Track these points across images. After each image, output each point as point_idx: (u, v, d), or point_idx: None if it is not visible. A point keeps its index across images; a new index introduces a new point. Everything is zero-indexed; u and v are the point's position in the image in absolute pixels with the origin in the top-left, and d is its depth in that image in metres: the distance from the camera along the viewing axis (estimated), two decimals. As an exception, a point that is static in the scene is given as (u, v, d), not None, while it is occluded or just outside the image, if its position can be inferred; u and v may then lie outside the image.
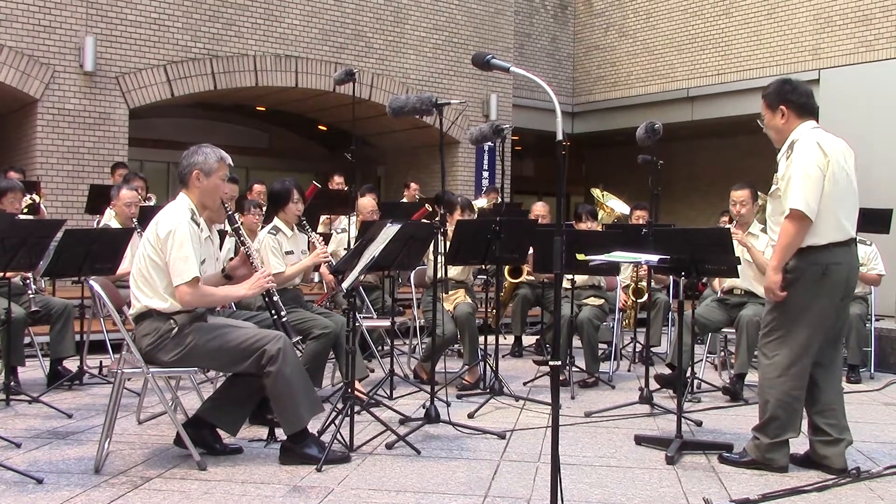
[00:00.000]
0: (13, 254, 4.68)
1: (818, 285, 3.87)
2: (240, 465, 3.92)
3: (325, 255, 5.51)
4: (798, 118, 3.98)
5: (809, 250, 3.87)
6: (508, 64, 3.15)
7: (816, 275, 3.86)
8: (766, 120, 4.09)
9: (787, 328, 3.93)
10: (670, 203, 15.60)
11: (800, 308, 3.90)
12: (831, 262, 3.87)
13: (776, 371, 3.94)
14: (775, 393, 3.93)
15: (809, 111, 4.01)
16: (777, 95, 4.02)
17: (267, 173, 13.92)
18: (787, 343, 3.92)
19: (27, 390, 5.37)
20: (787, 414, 3.92)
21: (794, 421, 3.95)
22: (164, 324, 3.86)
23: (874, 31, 12.95)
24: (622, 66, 16.85)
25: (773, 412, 3.93)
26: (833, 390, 4.02)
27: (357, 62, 12.69)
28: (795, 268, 3.89)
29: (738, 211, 5.88)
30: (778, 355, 3.94)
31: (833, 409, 3.99)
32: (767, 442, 3.95)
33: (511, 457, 4.16)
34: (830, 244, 3.87)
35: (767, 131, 4.10)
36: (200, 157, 4.00)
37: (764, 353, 4.03)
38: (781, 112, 3.99)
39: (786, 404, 3.91)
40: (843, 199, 3.92)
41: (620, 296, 6.99)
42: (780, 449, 3.95)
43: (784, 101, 3.99)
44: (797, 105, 3.99)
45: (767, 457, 3.95)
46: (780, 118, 4.00)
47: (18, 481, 3.59)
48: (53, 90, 10.42)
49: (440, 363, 5.76)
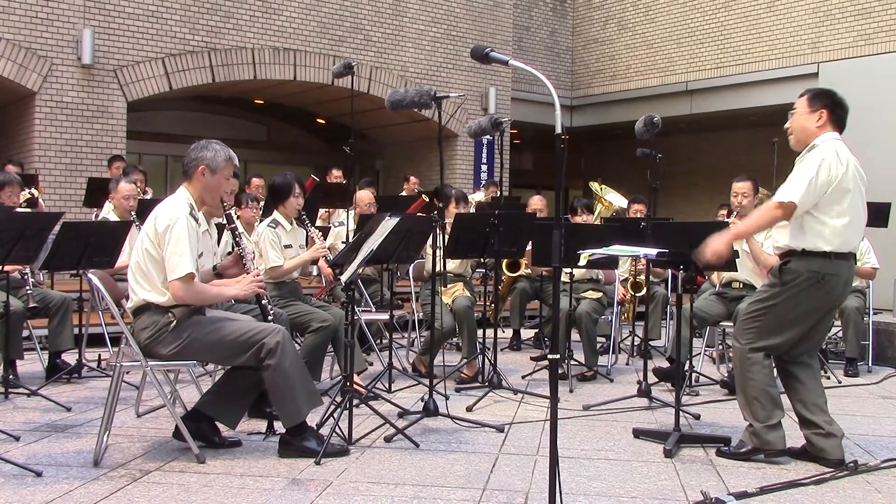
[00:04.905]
0: (11, 247, 4.67)
1: (811, 292, 3.90)
2: (239, 458, 3.92)
3: (323, 250, 5.52)
4: (832, 128, 3.98)
5: (813, 256, 3.88)
6: (507, 57, 3.14)
7: (812, 282, 3.89)
8: (797, 114, 4.03)
9: (765, 323, 3.97)
10: (669, 196, 15.62)
11: (787, 309, 3.93)
12: (830, 272, 3.89)
13: (744, 354, 4.01)
14: (749, 375, 3.99)
15: (841, 127, 4.02)
16: (824, 99, 4.01)
17: (265, 167, 13.92)
18: (763, 336, 3.98)
19: (26, 383, 5.38)
20: (765, 395, 3.97)
21: (776, 399, 4.00)
22: (163, 317, 3.85)
23: (873, 25, 12.94)
24: (621, 60, 16.84)
25: (753, 394, 3.98)
26: (814, 385, 4.08)
27: (355, 55, 12.67)
28: (793, 271, 3.91)
29: (738, 202, 5.89)
30: (750, 340, 4.01)
31: (816, 402, 4.04)
32: (762, 426, 3.97)
33: (509, 450, 4.17)
34: (833, 253, 3.88)
35: (792, 128, 4.06)
36: (209, 153, 3.98)
37: (737, 339, 4.09)
38: (821, 115, 3.97)
39: (760, 390, 3.97)
40: (855, 210, 3.93)
41: (619, 289, 6.99)
42: (776, 430, 3.99)
43: (829, 107, 3.97)
44: (838, 117, 3.99)
45: (766, 439, 3.97)
46: (816, 119, 3.97)
47: (17, 474, 3.59)
48: (51, 83, 10.40)
49: (439, 356, 5.77)
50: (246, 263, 4.21)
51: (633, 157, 6.17)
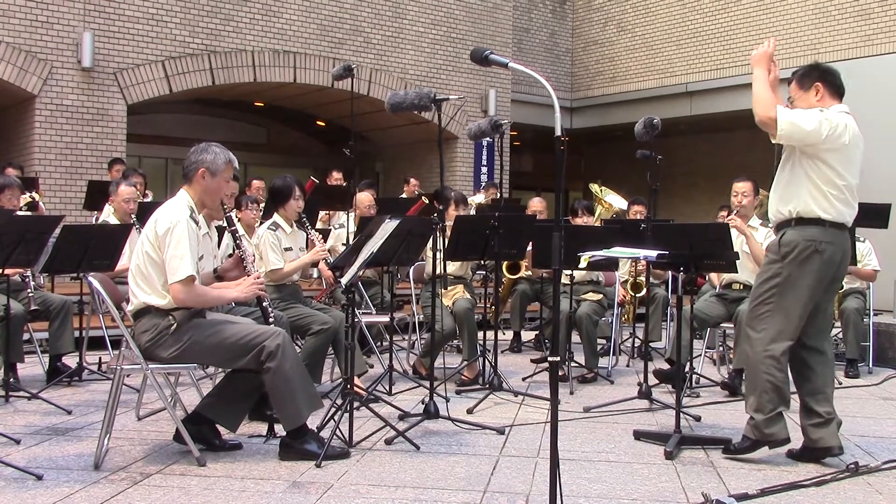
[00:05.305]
0: (11, 250, 4.67)
1: (810, 261, 3.91)
2: (239, 461, 3.92)
3: (324, 253, 5.53)
4: (831, 97, 4.00)
5: (807, 224, 3.91)
6: (507, 59, 3.15)
7: (809, 251, 3.90)
8: (796, 100, 4.06)
9: (776, 301, 3.96)
10: (669, 198, 15.60)
11: (790, 282, 3.93)
12: (824, 240, 3.90)
13: (762, 345, 3.98)
14: (763, 368, 3.96)
15: (841, 93, 4.04)
16: (812, 75, 4.04)
17: (265, 169, 13.91)
18: (775, 317, 3.96)
19: (26, 387, 5.37)
20: (774, 389, 3.95)
21: (784, 394, 3.98)
22: (163, 320, 3.86)
23: (873, 26, 12.95)
24: (621, 61, 16.84)
25: (762, 387, 3.96)
26: (826, 375, 4.06)
27: (355, 58, 12.68)
28: (789, 242, 3.94)
29: (739, 202, 5.90)
30: (766, 329, 3.98)
31: (824, 392, 4.03)
32: (763, 418, 3.96)
33: (510, 452, 4.17)
34: (827, 222, 3.90)
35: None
36: (209, 155, 3.99)
37: (752, 327, 4.06)
38: (816, 89, 4.00)
39: (772, 382, 3.94)
40: (853, 183, 3.94)
41: (619, 291, 7.00)
42: (778, 422, 3.97)
43: (820, 80, 4.01)
44: (832, 84, 4.02)
45: (767, 432, 3.96)
46: (814, 95, 4.01)
47: (18, 478, 3.59)
48: (51, 86, 10.40)
49: (439, 359, 5.77)
50: (246, 266, 4.21)
51: (633, 158, 6.18)
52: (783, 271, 3.95)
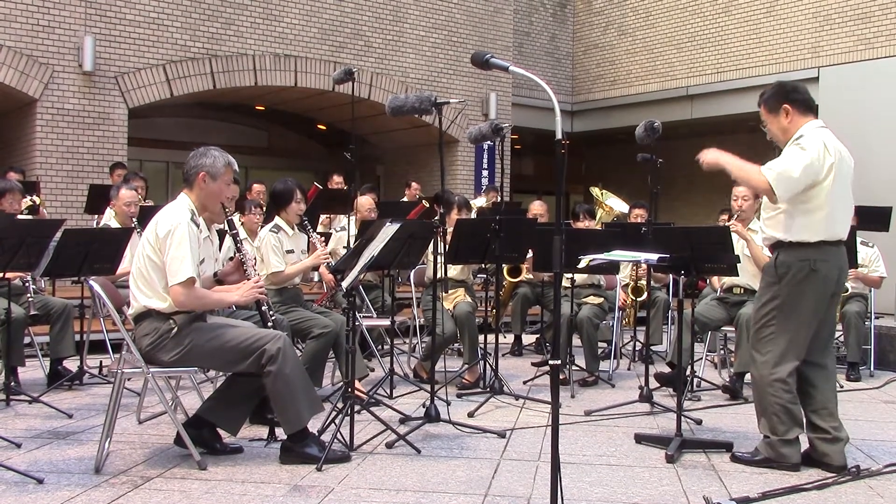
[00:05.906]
0: (12, 254, 4.67)
1: (807, 280, 3.91)
2: (240, 464, 3.92)
3: (325, 257, 5.53)
4: (802, 115, 4.00)
5: (799, 247, 3.91)
6: (507, 63, 3.14)
7: (805, 271, 3.90)
8: (768, 124, 4.08)
9: (778, 323, 3.96)
10: (669, 201, 15.59)
11: (790, 304, 3.94)
12: (819, 258, 3.90)
13: (768, 368, 3.97)
14: (771, 391, 3.95)
15: (811, 108, 4.04)
16: (778, 97, 4.04)
17: (266, 173, 13.93)
18: (779, 339, 3.96)
19: (27, 390, 5.37)
20: (785, 411, 3.94)
21: (795, 415, 3.97)
22: (164, 324, 3.86)
23: (873, 29, 12.95)
24: (621, 65, 16.85)
25: (772, 410, 3.95)
26: (828, 389, 4.06)
27: (356, 61, 12.69)
28: (784, 263, 3.94)
29: (739, 206, 5.90)
30: (770, 352, 3.98)
31: (827, 408, 4.02)
32: (778, 439, 3.95)
33: (511, 456, 4.16)
34: (821, 242, 3.90)
35: (773, 135, 4.10)
36: (209, 159, 4.00)
37: (757, 350, 4.06)
38: (785, 111, 4.00)
39: (780, 405, 3.93)
40: (843, 199, 3.96)
41: (620, 294, 6.99)
42: (793, 445, 3.97)
43: (786, 101, 4.01)
44: (800, 102, 4.01)
45: (782, 452, 3.95)
46: (784, 118, 4.01)
47: (19, 481, 3.59)
48: (52, 90, 10.41)
49: (440, 362, 5.76)
50: (247, 269, 4.21)
51: (633, 162, 6.18)
52: (781, 293, 3.95)
